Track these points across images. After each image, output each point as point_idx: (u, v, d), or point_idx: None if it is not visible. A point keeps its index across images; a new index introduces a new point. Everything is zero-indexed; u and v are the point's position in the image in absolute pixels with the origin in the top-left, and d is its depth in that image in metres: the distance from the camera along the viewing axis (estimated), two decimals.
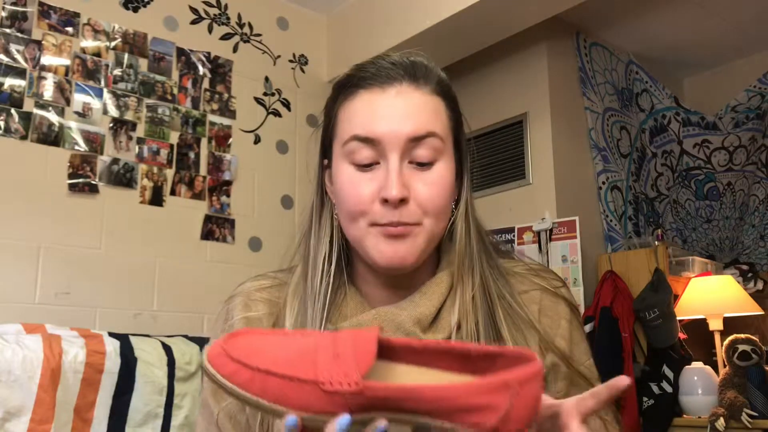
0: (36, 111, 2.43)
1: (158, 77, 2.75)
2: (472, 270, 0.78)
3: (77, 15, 2.59)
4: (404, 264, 0.74)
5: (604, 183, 3.27)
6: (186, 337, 2.23)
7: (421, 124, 0.74)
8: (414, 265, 0.76)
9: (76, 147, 2.50)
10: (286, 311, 0.79)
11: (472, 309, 0.75)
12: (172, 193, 2.70)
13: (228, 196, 2.85)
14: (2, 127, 2.35)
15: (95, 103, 2.57)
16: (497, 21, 2.78)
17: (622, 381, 0.58)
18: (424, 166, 0.74)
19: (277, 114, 3.10)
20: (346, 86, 0.79)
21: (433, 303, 0.75)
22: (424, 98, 0.76)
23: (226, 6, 3.03)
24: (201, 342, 2.20)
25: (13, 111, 2.38)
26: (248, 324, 0.79)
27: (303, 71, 3.23)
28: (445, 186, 0.76)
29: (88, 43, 2.60)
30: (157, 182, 2.67)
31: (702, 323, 2.84)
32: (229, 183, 2.87)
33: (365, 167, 0.75)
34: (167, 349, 2.09)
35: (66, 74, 2.52)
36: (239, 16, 3.07)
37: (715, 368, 2.70)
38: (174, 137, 2.74)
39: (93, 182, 2.51)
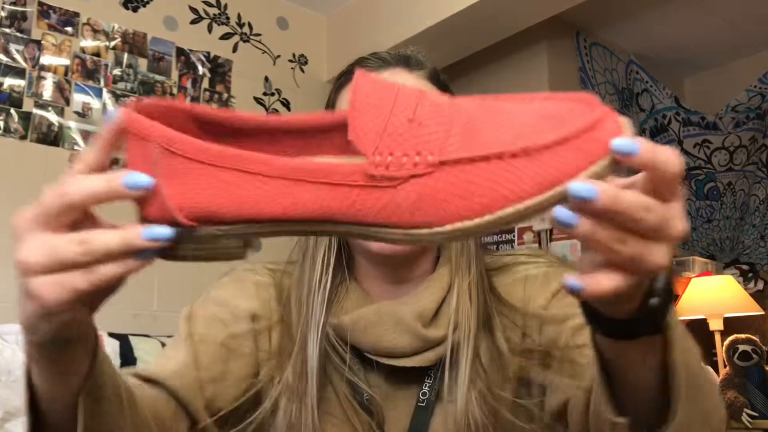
0: (35, 111, 2.43)
1: (158, 77, 2.75)
2: (469, 264, 0.79)
3: (77, 15, 2.59)
4: (395, 251, 0.74)
5: None
6: None
7: None
8: (405, 253, 0.76)
9: (76, 147, 2.50)
10: (292, 302, 0.80)
11: (468, 302, 0.76)
12: None
13: None
14: (2, 127, 2.35)
15: (95, 103, 2.56)
16: (497, 21, 2.78)
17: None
18: None
19: (276, 114, 3.09)
20: (345, 74, 0.82)
21: (434, 297, 0.76)
22: (416, 81, 0.77)
23: (225, 6, 3.03)
24: None
25: (12, 111, 2.38)
26: (257, 288, 0.81)
27: (303, 71, 3.22)
28: None
29: (88, 42, 2.60)
30: None
31: (702, 323, 2.84)
32: None
33: None
34: None
35: (65, 74, 2.52)
36: (239, 16, 3.06)
37: (716, 368, 2.69)
38: None
39: None
